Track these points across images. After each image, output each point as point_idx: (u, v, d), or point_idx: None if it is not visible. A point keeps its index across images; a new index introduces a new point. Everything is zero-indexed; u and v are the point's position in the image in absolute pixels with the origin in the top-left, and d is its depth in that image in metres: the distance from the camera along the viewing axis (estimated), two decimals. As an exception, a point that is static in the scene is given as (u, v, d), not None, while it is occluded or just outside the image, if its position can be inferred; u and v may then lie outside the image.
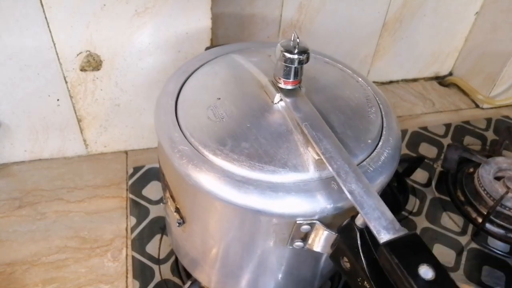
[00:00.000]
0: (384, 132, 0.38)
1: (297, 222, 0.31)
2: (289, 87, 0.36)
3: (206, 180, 0.32)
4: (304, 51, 0.34)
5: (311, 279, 0.43)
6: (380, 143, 0.36)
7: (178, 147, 0.34)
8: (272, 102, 0.37)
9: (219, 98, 0.38)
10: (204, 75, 0.41)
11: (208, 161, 0.33)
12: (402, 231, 0.28)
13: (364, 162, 0.34)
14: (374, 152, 0.35)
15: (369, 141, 0.36)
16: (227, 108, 0.37)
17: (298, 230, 0.32)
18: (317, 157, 0.32)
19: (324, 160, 0.31)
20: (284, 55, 0.34)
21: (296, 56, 0.34)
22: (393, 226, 0.28)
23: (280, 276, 0.40)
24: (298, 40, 0.34)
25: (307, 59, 0.35)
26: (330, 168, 0.31)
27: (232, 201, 0.31)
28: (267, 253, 0.37)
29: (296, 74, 0.36)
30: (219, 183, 0.31)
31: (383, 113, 0.40)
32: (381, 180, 0.34)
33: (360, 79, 0.44)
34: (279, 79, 0.36)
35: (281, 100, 0.37)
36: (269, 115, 0.36)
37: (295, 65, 0.35)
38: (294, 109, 0.35)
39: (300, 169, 0.32)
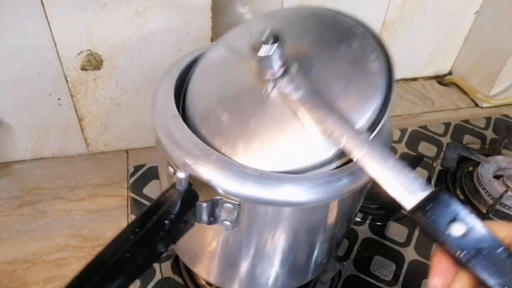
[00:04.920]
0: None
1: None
2: (277, 75, 0.34)
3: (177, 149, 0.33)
4: (273, 40, 0.31)
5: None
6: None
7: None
8: (266, 91, 0.35)
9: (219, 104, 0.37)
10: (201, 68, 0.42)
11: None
12: (428, 190, 0.27)
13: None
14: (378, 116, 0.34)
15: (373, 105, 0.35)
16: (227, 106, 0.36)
17: (223, 207, 0.32)
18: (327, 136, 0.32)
19: (334, 139, 0.31)
20: (254, 55, 0.32)
21: (263, 51, 0.31)
22: (417, 188, 0.27)
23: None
24: (266, 33, 0.31)
25: (281, 45, 0.32)
26: (342, 144, 0.31)
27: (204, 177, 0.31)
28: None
29: (276, 63, 0.33)
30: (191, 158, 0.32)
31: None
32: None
33: (364, 30, 0.40)
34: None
35: (273, 88, 0.34)
36: (265, 105, 0.34)
37: (268, 55, 0.32)
38: (288, 93, 0.33)
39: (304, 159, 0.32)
